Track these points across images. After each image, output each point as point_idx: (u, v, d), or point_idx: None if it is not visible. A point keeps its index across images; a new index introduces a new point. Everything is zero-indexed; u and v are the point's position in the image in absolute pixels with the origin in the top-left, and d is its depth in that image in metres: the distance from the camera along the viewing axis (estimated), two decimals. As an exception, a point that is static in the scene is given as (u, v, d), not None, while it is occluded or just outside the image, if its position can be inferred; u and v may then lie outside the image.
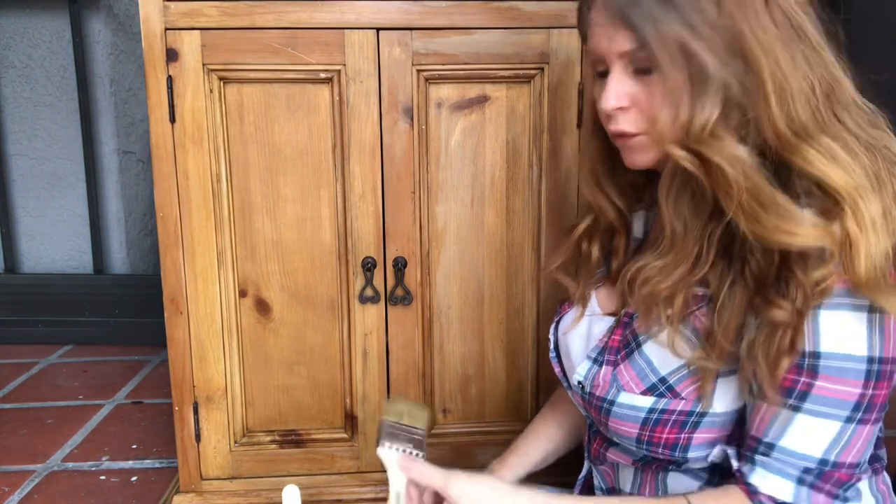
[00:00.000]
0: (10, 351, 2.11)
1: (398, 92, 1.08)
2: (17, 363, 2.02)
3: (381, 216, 1.12)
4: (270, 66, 1.06)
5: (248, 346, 1.16)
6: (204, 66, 1.05)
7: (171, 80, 1.05)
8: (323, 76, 1.07)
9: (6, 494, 1.33)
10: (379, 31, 1.06)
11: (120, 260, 2.30)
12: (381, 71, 1.07)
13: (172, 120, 1.06)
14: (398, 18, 1.06)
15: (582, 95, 1.10)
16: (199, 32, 1.04)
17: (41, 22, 2.15)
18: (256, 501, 1.19)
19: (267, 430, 1.19)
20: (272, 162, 1.10)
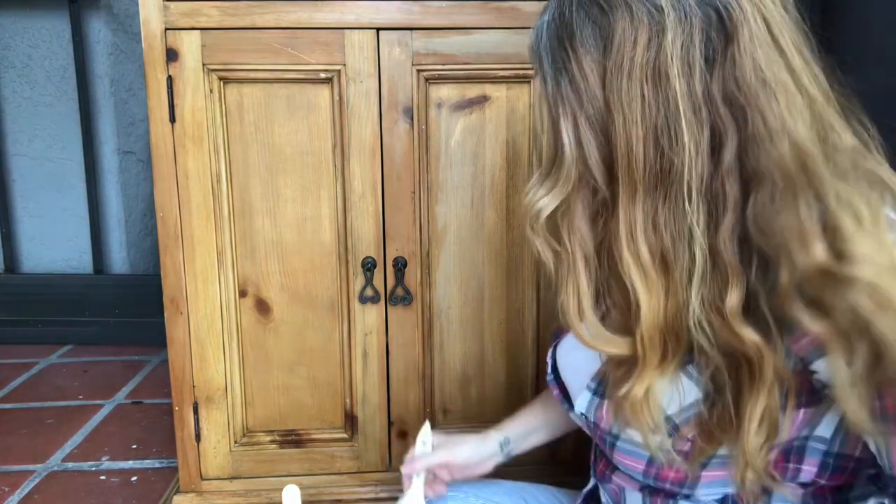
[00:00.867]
0: (10, 351, 2.11)
1: (398, 92, 1.08)
2: (17, 363, 2.02)
3: (381, 216, 1.12)
4: (270, 66, 1.06)
5: (248, 346, 1.16)
6: (204, 66, 1.05)
7: (171, 80, 1.05)
8: (323, 76, 1.07)
9: (6, 494, 1.33)
10: (379, 31, 1.06)
11: (120, 260, 2.30)
12: (381, 71, 1.07)
13: (172, 120, 1.06)
14: (398, 18, 1.06)
15: (582, 95, 1.10)
16: (199, 32, 1.04)
17: (41, 22, 2.16)
18: (256, 501, 1.19)
19: (267, 430, 1.19)
20: (272, 162, 1.10)
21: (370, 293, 1.13)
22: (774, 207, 0.53)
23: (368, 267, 1.12)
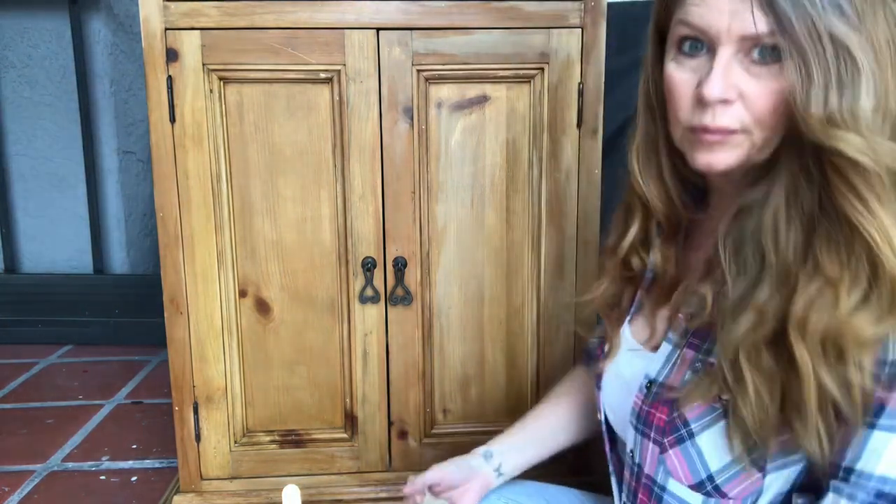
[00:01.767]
0: (10, 351, 2.11)
1: (398, 92, 1.08)
2: (17, 363, 2.02)
3: (381, 216, 1.12)
4: (270, 66, 1.06)
5: (248, 346, 1.16)
6: (204, 66, 1.05)
7: (171, 80, 1.05)
8: (323, 76, 1.07)
9: (6, 494, 1.33)
10: (379, 31, 1.06)
11: (120, 260, 2.30)
12: (381, 71, 1.07)
13: (172, 120, 1.06)
14: (398, 18, 1.06)
15: (582, 95, 1.10)
16: (199, 32, 1.04)
17: (41, 22, 2.15)
18: (256, 501, 1.19)
19: (267, 430, 1.19)
20: (272, 162, 1.10)
21: (370, 293, 1.13)
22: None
23: (368, 267, 1.12)
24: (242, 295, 1.14)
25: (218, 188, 1.10)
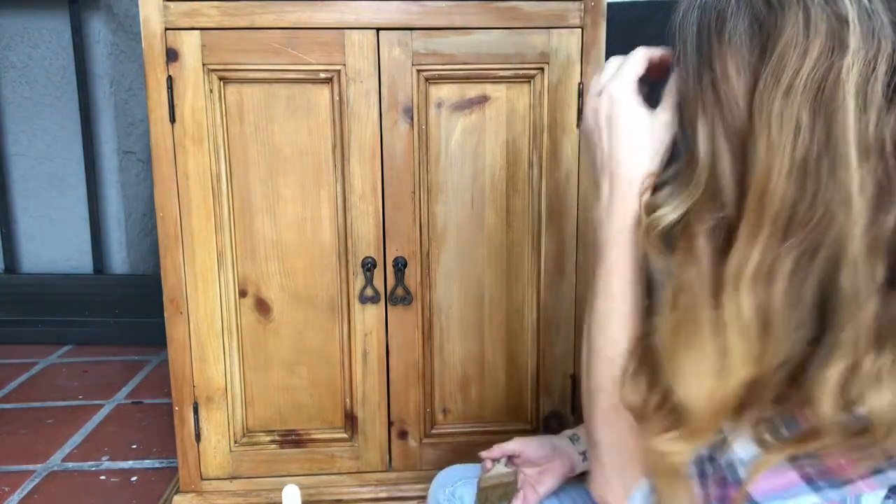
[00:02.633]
0: (10, 351, 2.11)
1: (398, 92, 1.08)
2: (17, 363, 2.02)
3: (381, 216, 1.12)
4: (270, 66, 1.06)
5: (248, 346, 1.16)
6: (204, 66, 1.05)
7: (171, 80, 1.05)
8: (323, 76, 1.07)
9: (6, 494, 1.33)
10: (379, 31, 1.06)
11: (120, 260, 2.31)
12: (381, 71, 1.07)
13: (172, 120, 1.06)
14: (398, 18, 1.06)
15: (582, 95, 1.10)
16: (199, 32, 1.04)
17: (41, 22, 2.16)
18: (256, 501, 1.19)
19: (267, 430, 1.19)
20: (272, 162, 1.10)
21: (370, 293, 1.13)
22: None
23: (368, 267, 1.12)
24: (242, 295, 1.14)
25: (218, 188, 1.10)
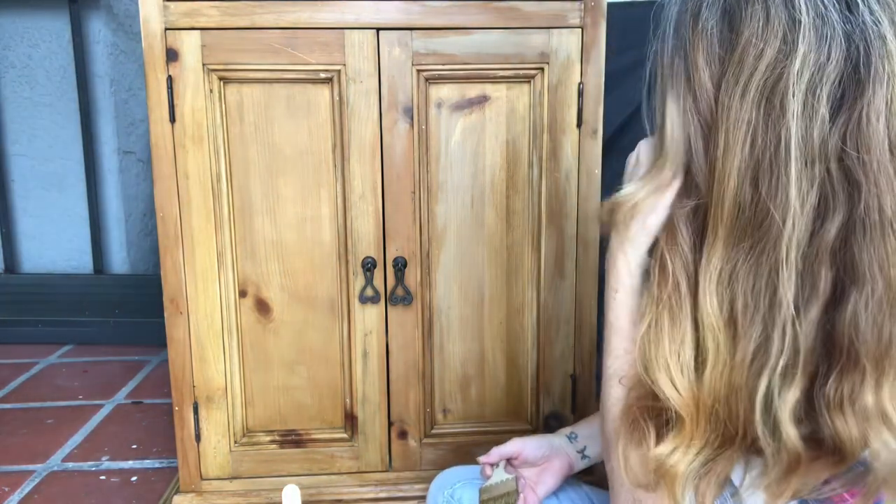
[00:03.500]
0: (10, 351, 2.11)
1: (398, 92, 1.08)
2: (17, 363, 2.02)
3: (381, 216, 1.12)
4: (270, 66, 1.06)
5: (248, 346, 1.16)
6: (204, 66, 1.05)
7: (171, 80, 1.05)
8: (323, 76, 1.07)
9: (6, 494, 1.33)
10: (379, 31, 1.06)
11: (120, 260, 2.30)
12: (381, 71, 1.07)
13: (172, 120, 1.06)
14: (398, 18, 1.06)
15: (582, 95, 1.10)
16: (199, 32, 1.04)
17: (41, 22, 2.16)
18: (256, 501, 1.19)
19: (267, 430, 1.19)
20: (272, 162, 1.10)
21: (370, 293, 1.13)
22: (874, 317, 0.43)
23: (368, 267, 1.12)
24: (242, 295, 1.14)
25: (218, 188, 1.10)
